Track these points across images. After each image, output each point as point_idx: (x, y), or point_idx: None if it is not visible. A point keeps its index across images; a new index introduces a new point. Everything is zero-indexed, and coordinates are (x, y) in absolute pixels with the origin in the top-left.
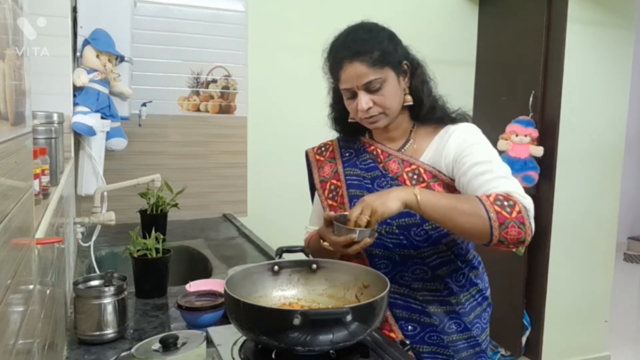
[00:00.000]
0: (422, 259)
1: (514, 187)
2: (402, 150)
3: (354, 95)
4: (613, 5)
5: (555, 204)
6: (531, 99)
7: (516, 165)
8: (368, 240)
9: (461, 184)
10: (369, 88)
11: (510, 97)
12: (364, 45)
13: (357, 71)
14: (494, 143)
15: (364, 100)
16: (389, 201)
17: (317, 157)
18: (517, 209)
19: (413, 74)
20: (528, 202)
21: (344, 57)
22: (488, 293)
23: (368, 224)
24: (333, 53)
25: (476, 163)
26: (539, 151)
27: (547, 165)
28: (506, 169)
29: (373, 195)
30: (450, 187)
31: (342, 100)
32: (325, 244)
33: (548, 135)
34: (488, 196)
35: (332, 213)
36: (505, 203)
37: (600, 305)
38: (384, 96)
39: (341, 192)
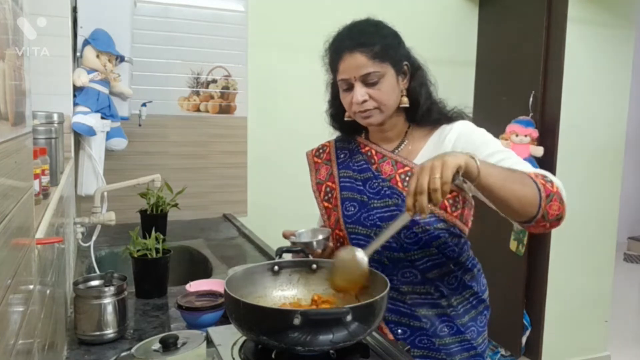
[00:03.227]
0: (412, 262)
1: (542, 171)
2: (397, 151)
3: (350, 87)
4: (613, 5)
5: None
6: (531, 99)
7: None
8: (318, 252)
9: None
10: (366, 80)
11: (510, 97)
12: (367, 38)
13: (356, 62)
14: None
15: (360, 93)
16: (453, 155)
17: (315, 159)
18: (555, 185)
19: (413, 76)
20: (560, 183)
21: (345, 47)
22: (485, 296)
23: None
24: (335, 43)
25: (494, 152)
26: (539, 151)
27: (547, 165)
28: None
29: (429, 159)
30: None
31: (340, 97)
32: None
33: (548, 135)
34: (528, 172)
35: (289, 234)
36: (546, 179)
37: (600, 305)
38: (380, 91)
39: (335, 194)
